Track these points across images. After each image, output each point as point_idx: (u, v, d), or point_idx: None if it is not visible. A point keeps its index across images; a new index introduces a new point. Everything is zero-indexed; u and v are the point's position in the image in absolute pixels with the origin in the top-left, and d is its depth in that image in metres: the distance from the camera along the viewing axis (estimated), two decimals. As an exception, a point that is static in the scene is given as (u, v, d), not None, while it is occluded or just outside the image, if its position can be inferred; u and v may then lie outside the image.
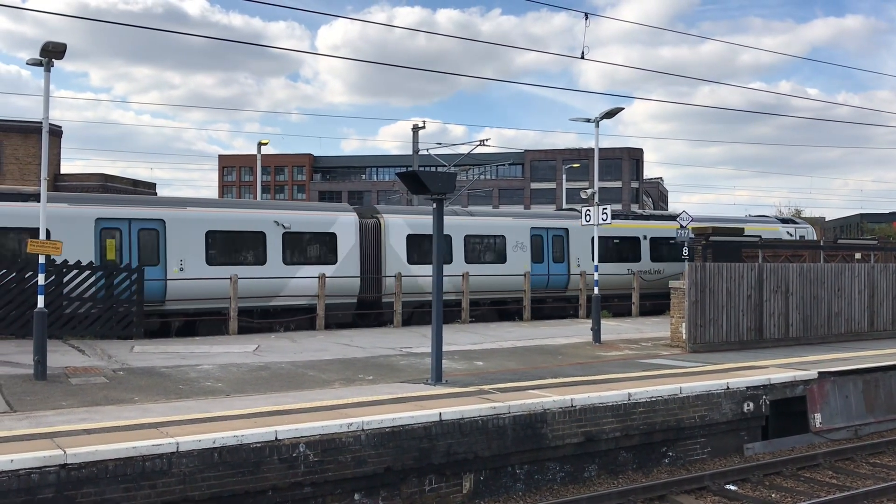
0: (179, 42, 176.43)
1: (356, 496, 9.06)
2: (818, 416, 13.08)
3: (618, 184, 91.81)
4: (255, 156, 36.29)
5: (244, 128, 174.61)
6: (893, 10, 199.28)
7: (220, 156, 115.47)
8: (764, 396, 12.48)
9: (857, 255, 21.61)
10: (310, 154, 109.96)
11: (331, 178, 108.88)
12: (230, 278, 19.26)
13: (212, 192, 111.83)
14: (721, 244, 19.45)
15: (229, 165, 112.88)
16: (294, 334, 19.79)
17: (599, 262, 20.23)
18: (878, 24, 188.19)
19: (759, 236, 25.07)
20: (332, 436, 8.81)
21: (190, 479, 7.99)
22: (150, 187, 49.77)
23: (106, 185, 43.20)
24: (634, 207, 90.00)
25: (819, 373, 13.25)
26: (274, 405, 10.09)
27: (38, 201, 13.31)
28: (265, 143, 35.19)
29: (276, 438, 8.53)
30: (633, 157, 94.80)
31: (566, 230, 26.20)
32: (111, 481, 7.59)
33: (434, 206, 11.94)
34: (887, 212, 60.60)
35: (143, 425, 8.77)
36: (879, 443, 12.52)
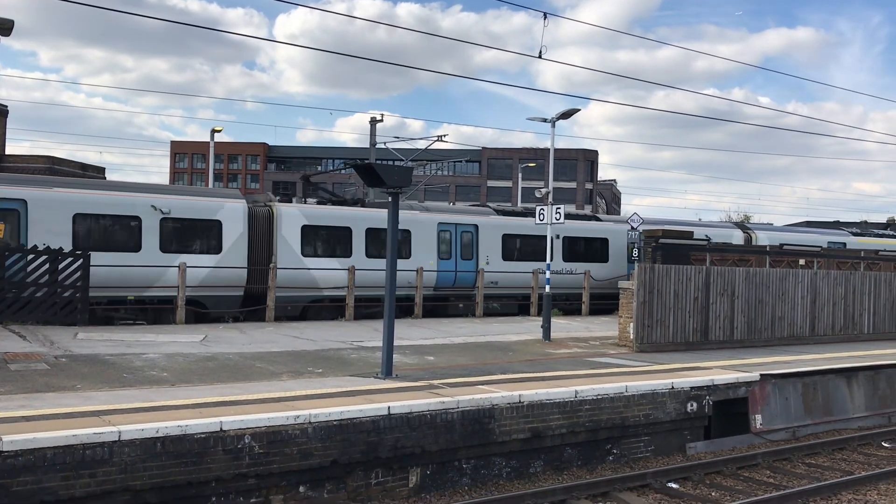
0: (134, 25, 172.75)
1: (301, 489, 9.00)
2: (759, 417, 13.40)
3: (572, 184, 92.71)
4: (209, 143, 35.77)
5: (198, 114, 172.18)
6: (842, 25, 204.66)
7: (172, 142, 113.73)
8: (707, 397, 12.73)
9: (802, 262, 22.16)
10: (264, 143, 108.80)
11: (285, 167, 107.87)
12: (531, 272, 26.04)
13: (163, 178, 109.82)
14: (670, 246, 19.80)
15: (181, 152, 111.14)
16: (243, 325, 19.59)
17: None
18: (828, 38, 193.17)
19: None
20: (278, 428, 8.75)
21: (132, 469, 7.86)
22: (99, 171, 48.65)
23: (53, 168, 42.08)
24: (588, 208, 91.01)
25: (761, 375, 13.57)
26: (220, 396, 9.97)
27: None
28: (219, 131, 34.75)
29: (221, 429, 8.43)
30: (589, 159, 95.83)
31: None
32: (49, 469, 7.43)
33: (390, 199, 11.92)
34: (831, 220, 62.41)
35: (84, 413, 8.59)
36: (815, 444, 12.87)
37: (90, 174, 45.73)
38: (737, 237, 30.72)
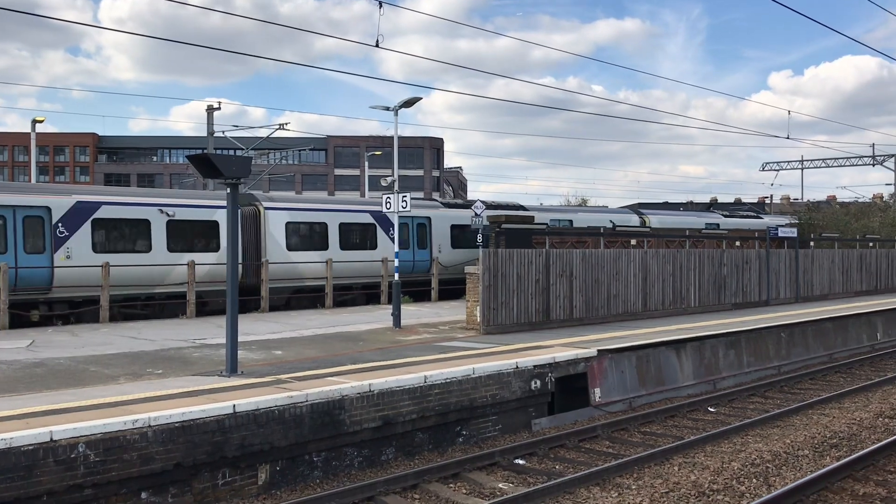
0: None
1: (143, 495, 8.62)
2: (598, 391, 14.10)
3: (420, 172, 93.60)
4: (30, 134, 33.29)
5: (18, 103, 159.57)
6: (667, 16, 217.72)
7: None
8: (550, 374, 13.26)
9: (633, 242, 23.43)
10: (94, 133, 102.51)
11: (118, 159, 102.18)
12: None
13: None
14: (513, 231, 20.36)
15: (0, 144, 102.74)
16: (74, 327, 18.44)
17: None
18: (654, 29, 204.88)
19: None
20: (115, 434, 8.31)
21: (-52, 490, 7.23)
22: None
23: None
24: (436, 195, 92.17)
25: (598, 350, 14.27)
26: (50, 404, 9.35)
27: None
28: (41, 121, 32.47)
29: (51, 439, 7.92)
30: (435, 147, 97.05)
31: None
32: None
33: (228, 191, 11.55)
34: (660, 201, 66.40)
35: None
36: (649, 413, 13.70)
37: None
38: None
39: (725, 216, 42.74)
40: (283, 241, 24.30)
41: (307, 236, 25.08)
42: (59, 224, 19.96)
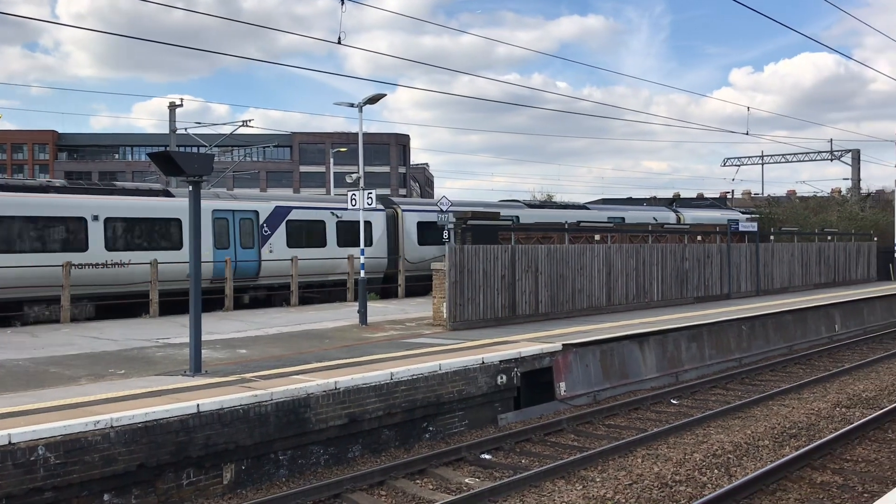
0: None
1: (105, 497, 8.52)
2: (563, 385, 14.23)
3: (386, 169, 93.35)
4: (-13, 131, 32.63)
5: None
6: (630, 13, 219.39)
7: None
8: (515, 369, 13.34)
9: (597, 237, 23.64)
10: (53, 130, 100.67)
11: (78, 157, 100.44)
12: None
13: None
14: (479, 227, 20.43)
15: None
16: (34, 328, 18.15)
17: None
18: (617, 25, 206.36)
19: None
20: (76, 435, 8.20)
21: None
22: None
23: None
24: (402, 192, 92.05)
25: (563, 345, 14.40)
26: (9, 406, 9.20)
27: None
28: (-2, 118, 31.82)
29: (9, 442, 7.79)
30: (401, 143, 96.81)
31: None
32: None
33: (190, 188, 11.44)
34: (623, 197, 67.12)
35: None
36: (614, 406, 13.86)
37: None
38: None
39: (742, 213, 44.12)
40: (416, 237, 28.69)
41: (432, 233, 28.01)
42: (264, 225, 24.63)
